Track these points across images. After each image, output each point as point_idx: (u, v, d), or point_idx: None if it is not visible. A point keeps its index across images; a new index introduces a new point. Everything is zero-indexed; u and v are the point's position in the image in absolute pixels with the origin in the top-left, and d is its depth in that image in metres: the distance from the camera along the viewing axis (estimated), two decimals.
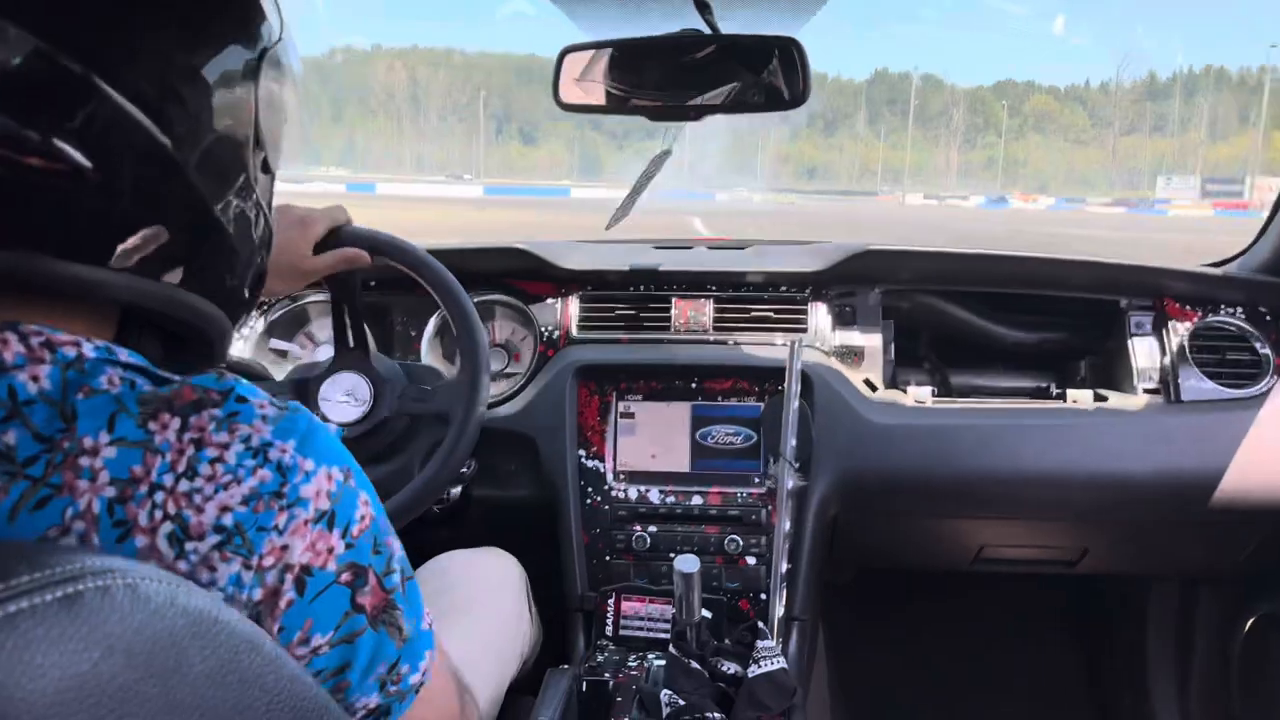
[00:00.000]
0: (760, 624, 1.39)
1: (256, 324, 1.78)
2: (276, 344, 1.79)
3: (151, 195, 0.60)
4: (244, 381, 0.64)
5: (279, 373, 1.53)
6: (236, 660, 0.51)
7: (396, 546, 0.69)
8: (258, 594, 0.58)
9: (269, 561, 0.58)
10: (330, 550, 0.62)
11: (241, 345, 1.76)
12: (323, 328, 1.83)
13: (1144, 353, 1.75)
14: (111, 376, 0.58)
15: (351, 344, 1.40)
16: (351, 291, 1.37)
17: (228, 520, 0.57)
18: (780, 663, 1.28)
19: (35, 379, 0.56)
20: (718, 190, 64.41)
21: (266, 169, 0.73)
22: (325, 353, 1.75)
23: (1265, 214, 1.81)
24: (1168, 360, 1.73)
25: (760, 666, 1.27)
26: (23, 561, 0.44)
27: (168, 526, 0.56)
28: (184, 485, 0.57)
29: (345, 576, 0.63)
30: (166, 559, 0.56)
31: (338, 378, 1.39)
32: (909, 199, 67.22)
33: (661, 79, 1.50)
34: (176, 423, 0.58)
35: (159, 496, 0.56)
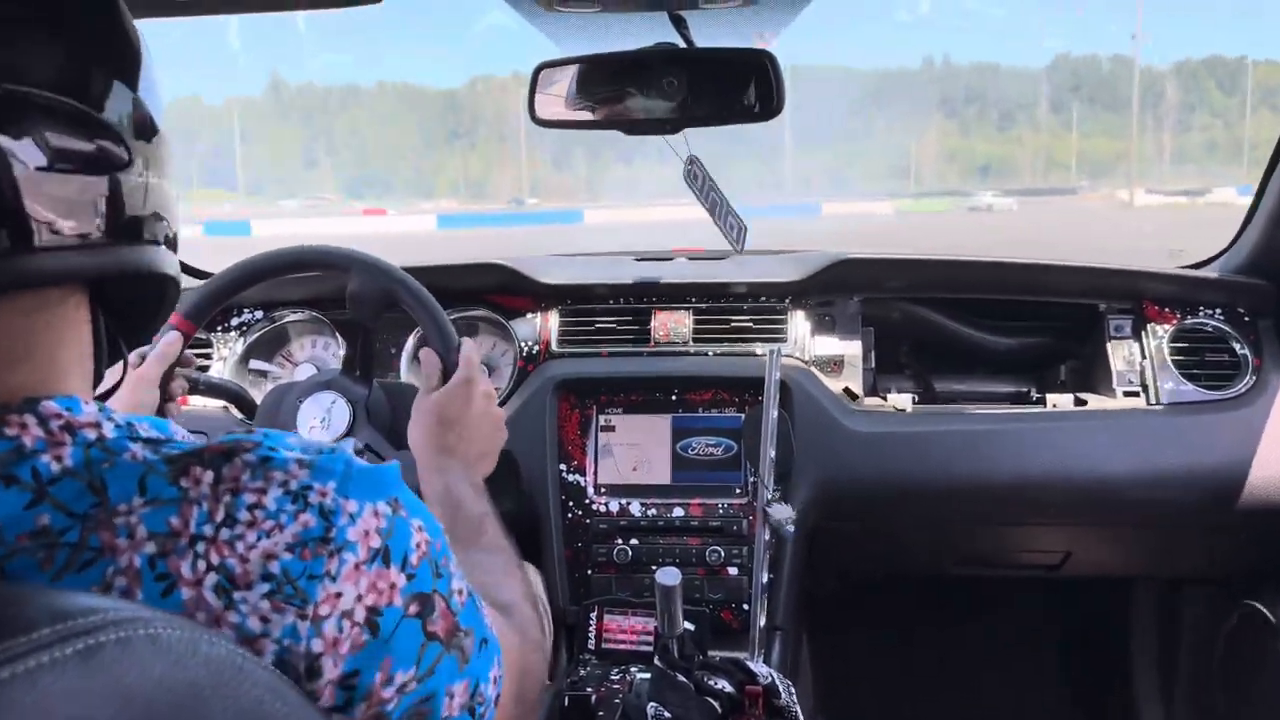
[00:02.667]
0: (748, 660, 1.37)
1: (236, 345, 1.78)
2: (256, 365, 1.79)
3: None
4: (272, 432, 0.63)
5: (258, 394, 1.52)
6: (260, 709, 0.50)
7: (454, 564, 0.68)
8: (316, 645, 0.57)
9: (325, 610, 0.57)
10: (393, 586, 0.61)
11: (221, 366, 1.75)
12: (301, 348, 1.83)
13: (1123, 356, 1.76)
14: (135, 452, 0.57)
15: (357, 368, 1.40)
16: (375, 315, 1.37)
17: (275, 568, 0.56)
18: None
19: (59, 459, 0.55)
20: (829, 200, 48.30)
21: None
22: (305, 372, 1.75)
23: None
24: (1147, 363, 1.74)
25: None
26: (43, 611, 0.43)
27: (213, 577, 0.55)
28: (225, 533, 0.55)
29: (413, 609, 0.62)
30: (215, 610, 0.55)
31: (318, 397, 1.38)
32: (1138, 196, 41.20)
33: (636, 92, 1.50)
34: (209, 475, 0.57)
35: (200, 547, 0.55)
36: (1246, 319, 1.76)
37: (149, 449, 0.58)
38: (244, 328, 1.80)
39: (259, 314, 1.81)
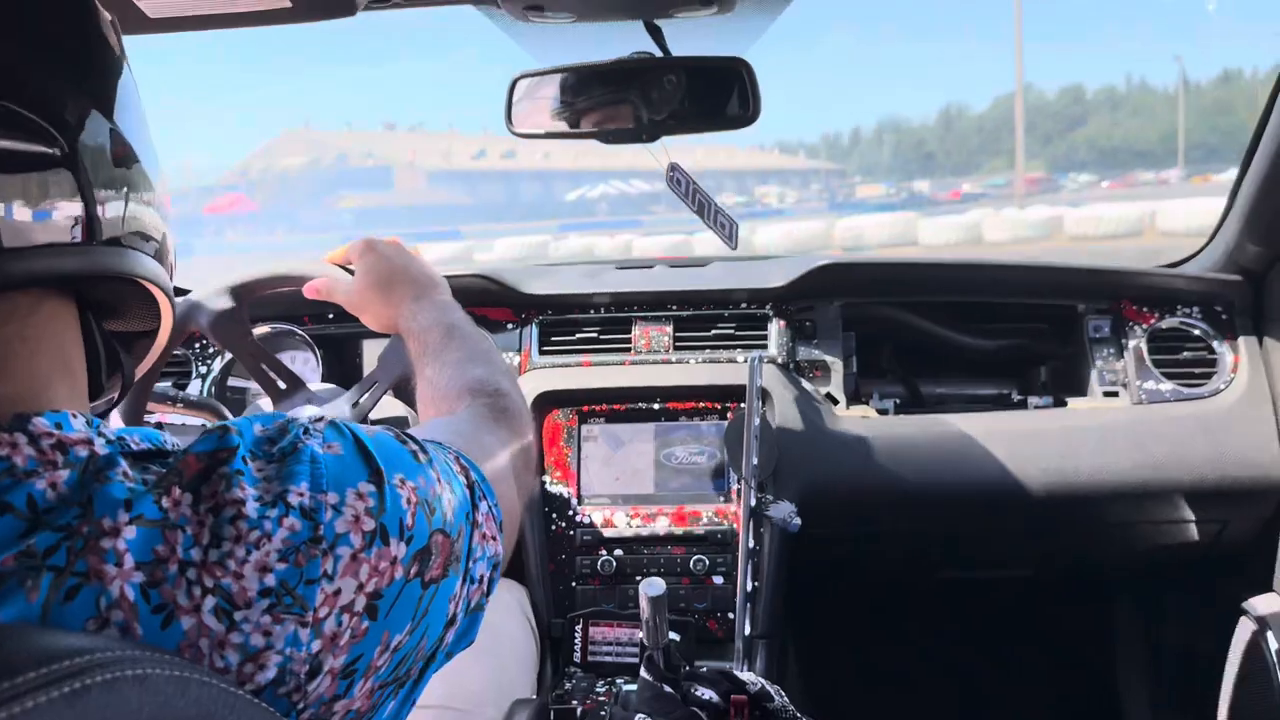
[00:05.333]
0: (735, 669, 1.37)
1: (214, 363, 1.77)
2: (235, 383, 1.77)
3: None
4: (243, 425, 0.62)
5: (238, 412, 1.51)
6: None
7: (436, 465, 0.68)
8: (315, 645, 0.56)
9: (324, 611, 0.57)
10: (394, 561, 0.60)
11: (199, 385, 1.74)
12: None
13: (1103, 356, 1.77)
14: (125, 470, 0.56)
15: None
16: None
17: (271, 580, 0.55)
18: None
19: (54, 485, 0.54)
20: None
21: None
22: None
23: None
24: (1126, 363, 1.75)
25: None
26: (30, 654, 0.42)
27: (211, 601, 0.54)
28: (213, 554, 0.54)
29: (413, 570, 0.61)
30: (218, 634, 0.54)
31: (297, 410, 1.38)
32: None
33: (613, 102, 1.50)
34: (189, 498, 0.56)
35: (191, 573, 0.54)
36: (1224, 317, 1.77)
37: (138, 466, 0.57)
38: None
39: None
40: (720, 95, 1.47)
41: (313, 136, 56.64)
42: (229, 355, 1.77)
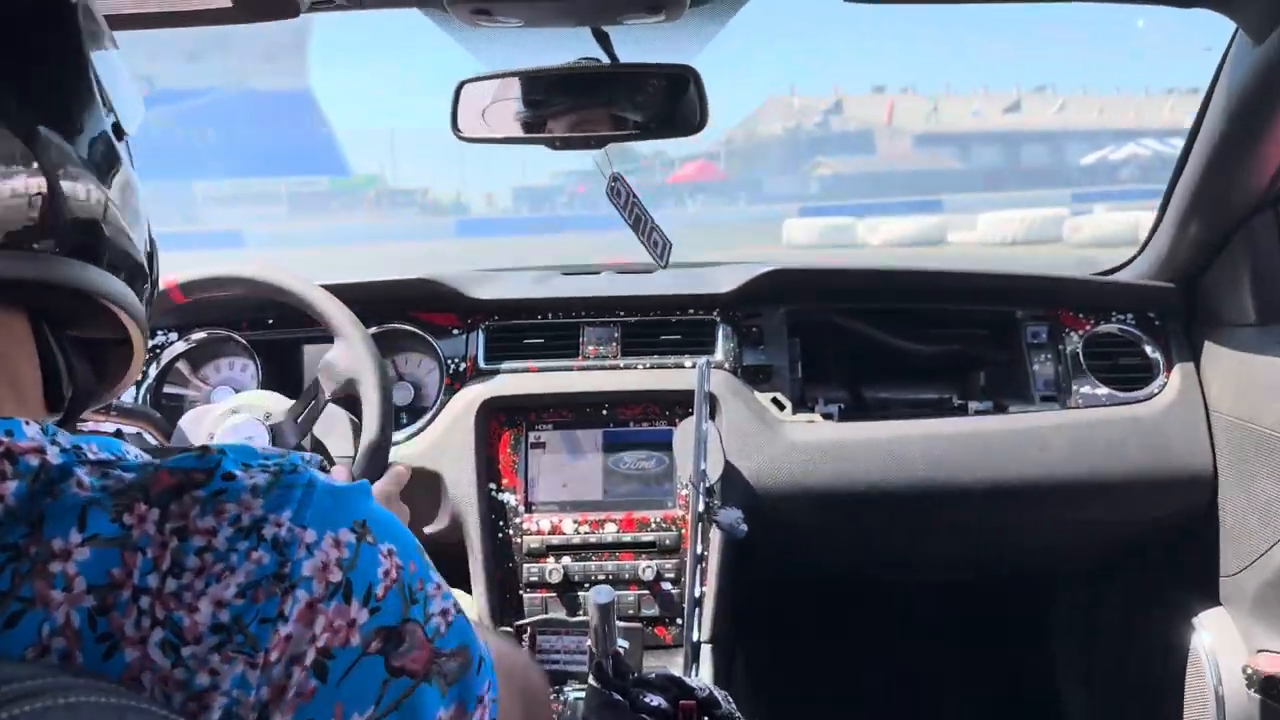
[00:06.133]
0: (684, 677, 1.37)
1: (149, 370, 1.72)
2: (171, 389, 1.73)
3: None
4: (237, 449, 0.58)
5: (173, 419, 1.48)
6: None
7: (434, 585, 0.62)
8: (265, 693, 0.52)
9: (274, 655, 0.52)
10: (352, 623, 0.55)
11: (133, 392, 1.69)
12: (216, 370, 1.78)
13: (1040, 361, 1.80)
14: (80, 479, 0.53)
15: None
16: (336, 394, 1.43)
17: (224, 617, 0.51)
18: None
19: (1, 498, 0.51)
20: None
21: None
22: (220, 395, 1.71)
23: None
24: (1062, 368, 1.79)
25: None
26: None
27: (159, 634, 0.50)
28: (171, 584, 0.51)
29: (374, 645, 0.56)
30: (162, 670, 0.50)
31: (236, 421, 1.35)
32: None
33: (561, 108, 1.50)
34: (155, 514, 0.52)
35: (144, 601, 0.50)
36: (1156, 322, 1.82)
37: (96, 473, 0.54)
38: (157, 350, 1.74)
39: (174, 335, 1.75)
40: (668, 102, 1.48)
41: (796, 103, 50.99)
42: (165, 361, 1.73)
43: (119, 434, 1.39)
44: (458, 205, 44.67)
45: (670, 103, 1.47)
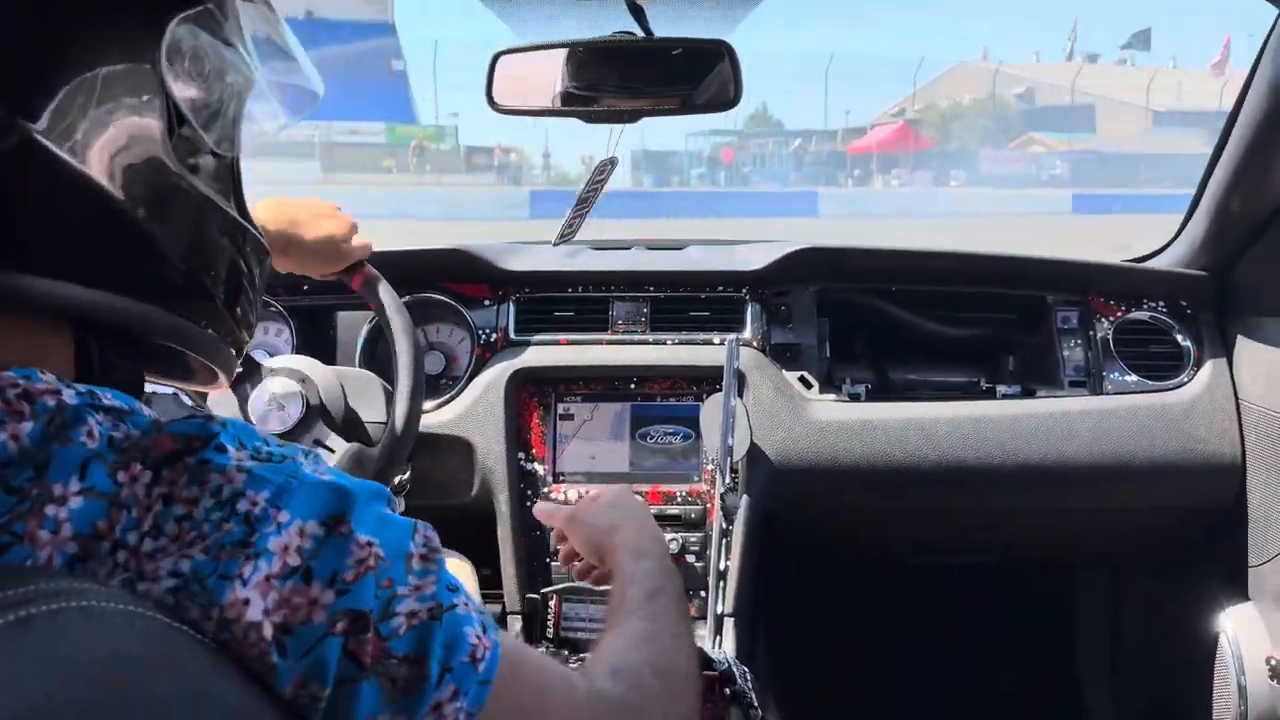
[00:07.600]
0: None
1: None
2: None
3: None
4: (237, 424, 0.60)
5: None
6: (204, 685, 0.49)
7: (410, 585, 0.60)
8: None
9: (231, 614, 0.53)
10: (314, 602, 0.55)
11: None
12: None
13: (1070, 347, 1.79)
14: (91, 428, 0.54)
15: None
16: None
17: (185, 566, 0.53)
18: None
19: (16, 438, 0.52)
20: None
21: (218, 150, 0.70)
22: (256, 358, 1.73)
23: None
24: (1093, 354, 1.78)
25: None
26: None
27: (121, 575, 0.52)
28: (148, 544, 0.53)
29: (340, 626, 0.55)
30: None
31: (269, 383, 1.36)
32: None
33: (595, 81, 1.50)
34: (147, 476, 0.54)
35: (121, 556, 0.52)
36: (1188, 311, 1.80)
37: (108, 421, 0.56)
38: None
39: None
40: (702, 78, 1.48)
41: (991, 69, 44.50)
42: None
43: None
44: (544, 171, 35.93)
45: (705, 78, 1.47)
